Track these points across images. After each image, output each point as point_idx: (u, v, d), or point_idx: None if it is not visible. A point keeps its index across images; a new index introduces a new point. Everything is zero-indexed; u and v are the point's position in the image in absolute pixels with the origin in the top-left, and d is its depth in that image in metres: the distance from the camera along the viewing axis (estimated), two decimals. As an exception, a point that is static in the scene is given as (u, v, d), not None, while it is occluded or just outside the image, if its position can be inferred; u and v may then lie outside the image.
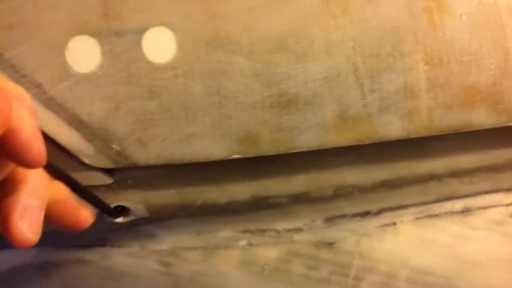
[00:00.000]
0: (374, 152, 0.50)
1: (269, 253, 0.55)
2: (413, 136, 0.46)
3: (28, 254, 0.57)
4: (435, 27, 0.45)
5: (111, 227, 0.52)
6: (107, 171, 0.46)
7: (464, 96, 0.45)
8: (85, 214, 0.37)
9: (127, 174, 0.47)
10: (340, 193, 0.52)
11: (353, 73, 0.44)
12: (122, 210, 0.50)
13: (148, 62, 0.42)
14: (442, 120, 0.46)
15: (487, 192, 0.56)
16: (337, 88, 0.44)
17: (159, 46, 0.42)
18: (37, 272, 0.57)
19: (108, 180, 0.47)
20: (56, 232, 0.50)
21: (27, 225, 0.31)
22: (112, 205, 0.48)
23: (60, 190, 0.35)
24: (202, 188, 0.49)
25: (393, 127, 0.45)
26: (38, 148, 0.29)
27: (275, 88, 0.43)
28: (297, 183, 0.51)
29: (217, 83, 0.43)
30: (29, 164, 0.29)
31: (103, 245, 0.55)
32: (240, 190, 0.51)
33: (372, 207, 0.55)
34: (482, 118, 0.46)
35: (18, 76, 0.41)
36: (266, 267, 0.54)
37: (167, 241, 0.55)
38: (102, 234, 0.54)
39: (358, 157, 0.50)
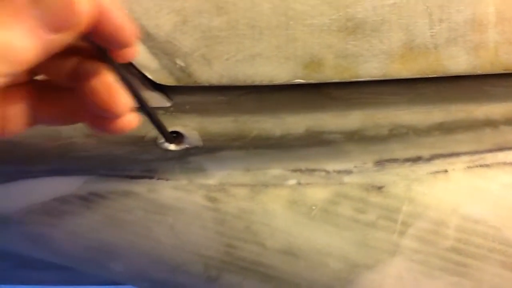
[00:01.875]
0: (433, 92, 0.51)
1: (318, 193, 0.57)
2: (478, 72, 0.47)
3: (74, 184, 0.59)
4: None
5: (162, 156, 0.54)
6: (166, 94, 0.48)
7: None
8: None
9: (186, 98, 0.49)
10: (395, 133, 0.54)
11: (423, 0, 0.45)
12: (176, 137, 0.52)
13: (218, -23, 0.44)
14: (509, 57, 0.47)
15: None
16: (406, 15, 0.46)
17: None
18: (81, 204, 0.59)
19: (166, 102, 0.49)
20: (105, 160, 0.53)
21: None
22: (168, 129, 0.50)
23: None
24: (259, 118, 0.51)
25: (459, 61, 0.47)
26: (130, 27, 0.32)
27: (343, 11, 0.45)
28: (353, 118, 0.53)
29: (285, 3, 0.44)
30: (125, 44, 0.32)
31: (151, 177, 0.57)
32: (296, 122, 0.52)
33: (425, 152, 0.57)
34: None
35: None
36: (313, 207, 0.56)
37: (216, 175, 0.57)
38: (152, 164, 0.56)
39: (416, 97, 0.52)
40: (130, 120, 0.36)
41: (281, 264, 0.57)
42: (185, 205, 0.57)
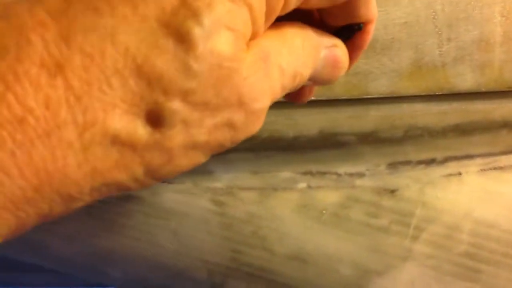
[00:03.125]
0: (450, 93, 0.53)
1: (329, 197, 0.57)
2: (483, 90, 0.50)
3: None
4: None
5: None
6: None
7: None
8: None
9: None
10: (410, 135, 0.55)
11: (432, 20, 0.48)
12: None
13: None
14: (512, 75, 0.49)
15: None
16: (416, 34, 0.48)
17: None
18: (80, 208, 0.58)
19: None
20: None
21: None
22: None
23: None
24: (272, 119, 0.52)
25: (465, 79, 0.50)
26: None
27: (354, 31, 0.46)
28: (369, 120, 0.53)
29: None
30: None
31: (153, 180, 0.57)
32: (310, 123, 0.53)
33: (438, 154, 0.58)
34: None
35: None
36: (324, 211, 0.57)
37: (223, 178, 0.57)
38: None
39: (432, 98, 0.53)
40: None
41: (289, 270, 0.57)
42: (189, 209, 0.57)
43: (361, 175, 0.57)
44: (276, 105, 0.49)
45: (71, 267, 0.65)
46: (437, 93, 0.52)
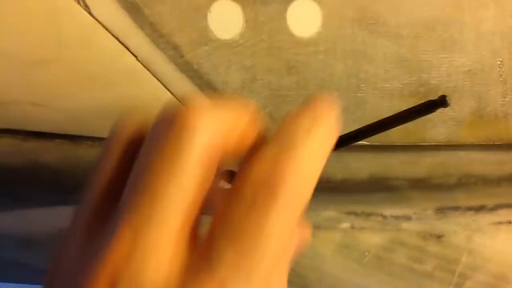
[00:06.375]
0: (508, 143, 0.56)
1: (372, 239, 0.62)
2: None
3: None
4: None
5: None
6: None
7: None
8: None
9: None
10: (463, 183, 0.59)
11: (497, 68, 0.51)
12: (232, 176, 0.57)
13: (291, 35, 0.50)
14: None
15: None
16: (479, 83, 0.51)
17: (304, 19, 0.50)
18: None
19: None
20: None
21: None
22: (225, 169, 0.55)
23: None
24: None
25: None
26: None
27: (416, 76, 0.51)
28: (423, 166, 0.57)
29: (358, 65, 0.50)
30: None
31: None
32: (361, 167, 0.57)
33: (489, 201, 0.62)
34: None
35: (156, 36, 0.49)
36: (366, 253, 0.62)
37: (265, 215, 0.62)
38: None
39: (490, 147, 0.56)
40: None
41: (327, 310, 0.62)
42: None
43: (407, 218, 0.62)
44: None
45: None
46: (496, 143, 0.55)
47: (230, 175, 0.51)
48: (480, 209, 0.61)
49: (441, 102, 0.38)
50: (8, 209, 0.66)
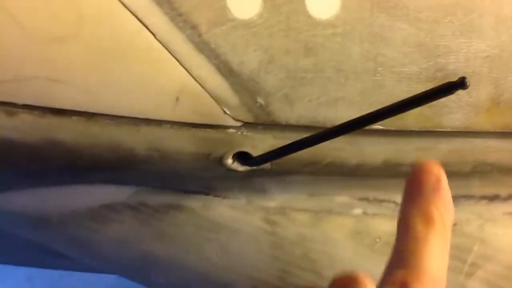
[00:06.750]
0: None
1: (384, 225, 0.62)
2: None
3: (125, 193, 0.66)
4: None
5: (224, 175, 0.60)
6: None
7: None
8: None
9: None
10: (478, 171, 0.59)
11: None
12: (245, 157, 0.57)
13: (309, 16, 0.50)
14: None
15: None
16: (498, 69, 0.52)
17: (322, 1, 0.50)
18: (129, 214, 0.66)
19: (238, 122, 0.54)
20: (163, 174, 0.59)
21: None
22: (237, 151, 0.56)
23: None
24: (336, 145, 0.56)
25: None
26: None
27: (434, 61, 0.51)
28: (439, 153, 0.58)
29: (376, 49, 0.50)
30: None
31: (207, 193, 0.64)
32: (375, 152, 0.57)
33: (503, 191, 0.63)
34: None
35: (174, 14, 0.49)
36: (378, 240, 0.62)
37: (278, 198, 0.63)
38: (210, 181, 0.63)
39: (507, 134, 0.57)
40: None
41: (337, 295, 0.63)
42: (240, 226, 0.63)
43: (419, 206, 0.62)
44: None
45: (115, 267, 0.72)
46: (513, 131, 0.54)
47: (240, 157, 0.52)
48: (494, 198, 0.62)
49: (461, 84, 0.39)
50: (23, 188, 0.67)
